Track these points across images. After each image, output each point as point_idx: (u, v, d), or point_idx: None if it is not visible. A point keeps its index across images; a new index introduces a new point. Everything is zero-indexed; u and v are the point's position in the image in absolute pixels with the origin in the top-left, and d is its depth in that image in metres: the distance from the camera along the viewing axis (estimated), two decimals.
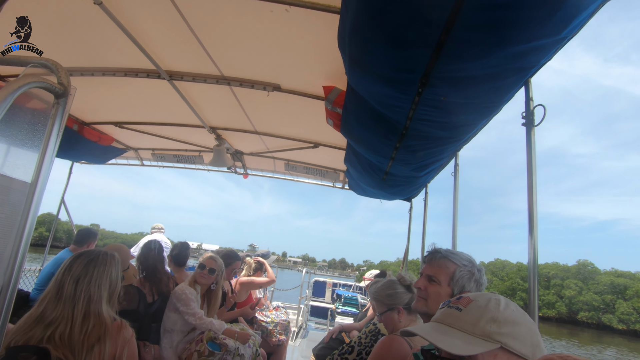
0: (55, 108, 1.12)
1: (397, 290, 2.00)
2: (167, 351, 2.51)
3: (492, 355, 0.70)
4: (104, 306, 1.39)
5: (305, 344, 6.29)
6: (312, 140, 3.40)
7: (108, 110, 3.31)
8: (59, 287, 1.36)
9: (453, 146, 1.98)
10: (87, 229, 3.88)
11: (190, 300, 2.56)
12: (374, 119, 1.79)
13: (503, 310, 0.75)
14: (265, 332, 3.67)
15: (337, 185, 4.48)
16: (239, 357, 2.50)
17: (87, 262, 1.42)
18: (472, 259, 1.43)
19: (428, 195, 3.27)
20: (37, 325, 1.28)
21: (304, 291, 7.76)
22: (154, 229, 5.37)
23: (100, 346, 1.33)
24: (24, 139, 1.18)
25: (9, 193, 1.06)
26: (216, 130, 3.44)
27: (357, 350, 2.40)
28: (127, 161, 4.67)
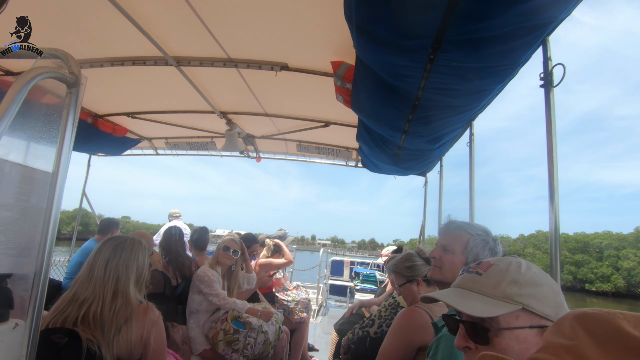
0: (69, 98, 1.13)
1: (415, 262, 2.01)
2: (194, 331, 2.62)
3: (514, 316, 0.70)
4: (132, 288, 1.46)
5: (326, 320, 6.46)
6: (323, 119, 3.36)
7: (120, 101, 3.34)
8: (90, 269, 1.45)
9: (467, 115, 1.92)
10: (108, 219, 4.05)
11: (212, 282, 2.64)
12: (384, 92, 1.75)
13: (524, 273, 0.74)
14: (287, 311, 3.77)
15: (350, 163, 4.46)
16: (262, 334, 2.59)
17: (115, 246, 1.50)
18: (487, 229, 1.43)
19: (443, 168, 3.23)
20: (71, 304, 1.37)
21: (322, 271, 7.91)
22: (172, 216, 5.51)
23: (127, 327, 1.40)
24: (41, 131, 1.20)
25: (32, 183, 1.09)
26: (226, 115, 3.44)
27: (377, 323, 2.45)
28: (142, 151, 4.74)
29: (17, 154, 1.10)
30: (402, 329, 1.73)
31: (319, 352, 4.56)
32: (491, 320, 0.70)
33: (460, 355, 1.09)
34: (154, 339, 1.46)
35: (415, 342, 1.69)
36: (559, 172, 1.29)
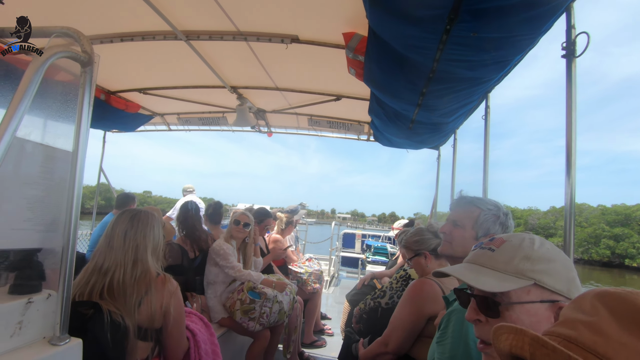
0: (83, 77, 1.14)
1: (424, 236, 2.04)
2: (212, 301, 2.74)
3: (525, 291, 0.71)
4: (149, 257, 1.53)
5: (338, 291, 6.66)
6: (334, 93, 3.31)
7: (131, 77, 3.34)
8: (109, 240, 1.52)
9: (483, 87, 1.86)
10: (124, 194, 4.21)
11: (228, 254, 2.73)
12: (398, 64, 1.71)
13: (537, 249, 0.75)
14: (300, 282, 3.89)
15: (361, 137, 4.42)
16: (277, 304, 2.69)
17: (132, 217, 1.57)
18: (499, 203, 1.42)
19: (457, 142, 3.17)
20: (94, 274, 1.45)
21: (333, 243, 8.06)
22: (186, 190, 5.63)
23: (148, 298, 1.47)
24: (58, 110, 1.23)
25: (54, 162, 1.13)
26: (237, 90, 3.42)
27: (388, 295, 2.51)
28: (155, 127, 4.79)
29: (37, 134, 1.13)
30: (413, 300, 1.78)
31: (331, 321, 4.74)
32: (502, 294, 0.72)
33: (471, 328, 1.13)
34: (174, 308, 1.54)
35: (425, 312, 1.74)
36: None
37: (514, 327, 0.45)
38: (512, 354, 0.45)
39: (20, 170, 1.04)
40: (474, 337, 1.11)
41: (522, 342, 0.43)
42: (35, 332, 1.04)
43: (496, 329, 0.48)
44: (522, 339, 0.43)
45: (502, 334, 0.47)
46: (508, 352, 0.45)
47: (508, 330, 0.46)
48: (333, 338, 4.15)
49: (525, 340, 0.42)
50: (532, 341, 0.41)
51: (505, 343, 0.46)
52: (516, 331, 0.44)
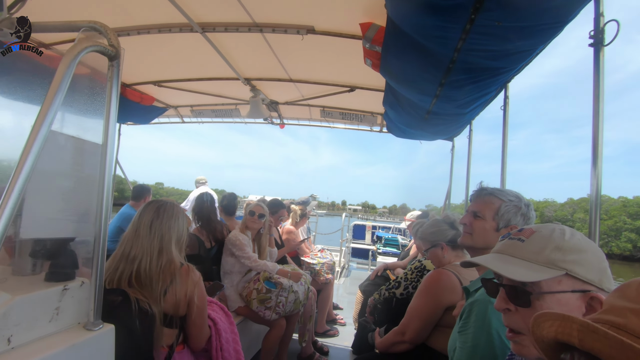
0: (111, 70, 1.17)
1: (440, 227, 2.04)
2: (229, 290, 2.79)
3: (557, 281, 0.72)
4: (173, 247, 1.57)
5: (349, 281, 6.72)
6: (348, 84, 3.29)
7: (146, 70, 3.37)
8: (136, 229, 1.56)
9: (503, 77, 1.83)
10: (140, 186, 4.30)
11: (244, 245, 2.77)
12: (417, 54, 1.69)
13: (568, 239, 0.75)
14: (313, 272, 3.93)
15: (374, 129, 4.40)
16: (293, 294, 2.73)
17: (157, 208, 1.61)
18: (520, 195, 1.42)
19: (472, 132, 3.14)
20: (122, 261, 1.50)
21: (344, 234, 8.10)
22: (199, 182, 5.69)
23: (173, 287, 1.52)
24: (86, 103, 1.25)
25: (85, 154, 1.16)
26: (251, 82, 3.42)
27: (403, 285, 2.53)
28: (169, 119, 4.83)
29: (68, 127, 1.16)
30: (430, 290, 1.80)
31: (343, 311, 4.79)
32: (533, 284, 0.72)
33: (493, 318, 1.14)
34: (197, 297, 1.58)
35: (443, 302, 1.76)
36: (605, 133, 1.24)
37: (560, 314, 0.46)
38: (558, 340, 0.46)
39: (55, 162, 1.07)
40: (496, 327, 1.12)
41: (570, 328, 0.43)
42: (71, 317, 1.09)
43: (539, 316, 0.49)
44: (569, 325, 0.44)
45: (546, 320, 0.48)
46: (553, 338, 0.46)
47: (553, 317, 0.47)
48: (345, 328, 4.20)
49: (573, 326, 0.43)
50: (581, 327, 0.42)
51: (550, 329, 0.46)
52: (563, 318, 0.45)
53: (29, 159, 0.87)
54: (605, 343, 0.39)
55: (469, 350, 1.14)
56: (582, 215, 41.22)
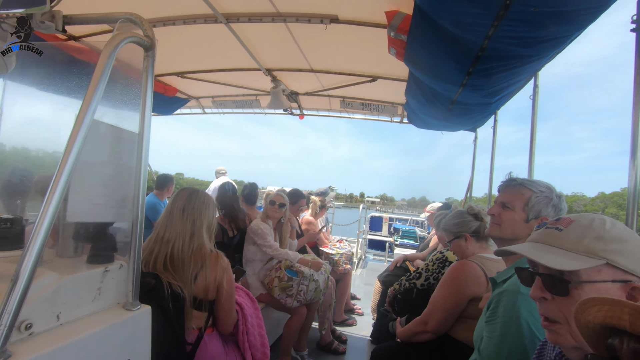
0: (147, 61, 1.20)
1: (464, 219, 2.03)
2: (251, 277, 2.85)
3: (596, 270, 0.71)
4: (204, 233, 1.63)
5: (366, 272, 6.75)
6: (370, 74, 3.26)
7: (170, 61, 3.43)
8: (169, 213, 1.64)
9: (534, 65, 1.78)
10: (164, 175, 4.44)
11: (265, 234, 2.82)
12: (444, 42, 1.66)
13: (609, 229, 0.74)
14: (332, 262, 3.97)
15: (395, 119, 4.35)
16: (314, 282, 2.78)
17: (190, 194, 1.68)
18: (551, 185, 1.38)
19: (497, 123, 3.07)
20: (157, 244, 1.58)
21: (361, 226, 8.12)
22: (219, 172, 5.79)
23: (203, 272, 1.58)
24: (122, 94, 1.29)
25: (123, 143, 1.21)
26: (272, 72, 3.44)
27: (424, 276, 2.53)
28: (190, 110, 4.92)
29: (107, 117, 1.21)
30: (454, 281, 1.79)
31: (360, 301, 4.84)
32: (571, 273, 0.72)
33: (523, 308, 1.13)
34: (226, 283, 1.64)
35: (467, 293, 1.75)
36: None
37: (610, 298, 0.46)
38: (606, 325, 0.46)
39: (96, 150, 1.12)
40: (526, 317, 1.12)
41: (621, 312, 0.44)
42: (111, 298, 1.14)
43: (585, 302, 0.49)
44: (620, 309, 0.44)
45: (593, 305, 0.48)
46: (601, 322, 0.46)
47: (602, 301, 0.47)
48: (363, 317, 4.24)
49: (624, 310, 0.43)
50: (632, 311, 0.42)
51: (598, 314, 0.47)
52: (612, 302, 0.45)
53: (75, 146, 0.91)
54: None
55: (498, 340, 1.14)
56: (615, 210, 39.47)
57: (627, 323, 0.42)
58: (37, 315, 0.91)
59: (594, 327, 0.49)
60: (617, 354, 0.45)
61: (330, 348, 3.25)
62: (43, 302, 0.93)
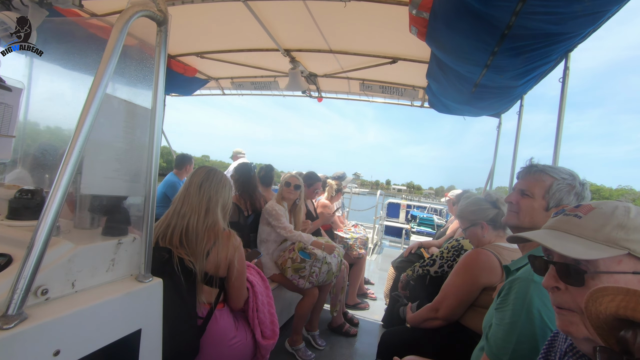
0: (159, 36, 1.19)
1: (481, 206, 1.97)
2: (264, 257, 2.90)
3: (616, 261, 0.67)
4: (219, 211, 1.66)
5: (381, 258, 6.75)
6: (391, 55, 3.16)
7: (189, 41, 3.43)
8: (187, 189, 1.68)
9: (566, 45, 1.66)
10: (182, 155, 4.55)
11: (280, 215, 2.84)
12: (468, 19, 1.57)
13: (634, 217, 0.69)
14: (346, 246, 3.98)
15: (415, 103, 4.23)
16: (327, 265, 2.79)
17: (208, 172, 1.72)
18: (574, 173, 1.31)
19: (523, 108, 2.92)
20: (174, 217, 1.63)
21: (378, 212, 8.08)
22: (238, 154, 5.85)
23: (215, 249, 1.60)
24: (136, 70, 1.30)
25: (136, 118, 1.22)
26: (290, 53, 3.39)
27: (438, 263, 2.50)
28: (210, 91, 4.94)
29: (121, 93, 1.22)
30: (468, 269, 1.75)
31: (374, 286, 4.85)
32: (588, 262, 0.68)
33: (535, 297, 1.09)
34: (237, 261, 1.67)
35: (480, 282, 1.71)
36: None
37: (624, 287, 0.43)
38: (618, 317, 0.43)
39: (109, 124, 1.14)
40: (538, 306, 1.08)
41: (636, 303, 0.40)
42: (124, 269, 1.18)
43: (597, 291, 0.46)
44: (635, 300, 0.40)
45: (606, 295, 0.45)
46: (613, 313, 0.43)
47: (615, 291, 0.44)
48: (375, 302, 4.26)
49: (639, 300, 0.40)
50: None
51: (611, 304, 0.43)
52: (627, 292, 0.42)
53: (87, 119, 0.92)
54: None
55: (507, 327, 1.11)
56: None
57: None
58: (52, 281, 0.95)
59: (605, 318, 0.45)
60: (630, 348, 0.42)
61: (341, 330, 3.29)
62: (58, 270, 0.96)
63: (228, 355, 1.64)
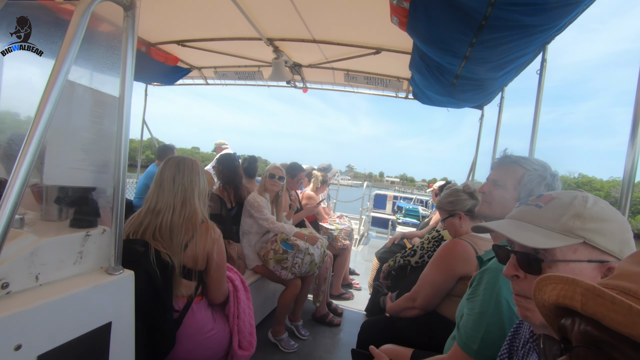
0: (126, 21, 1.15)
1: (459, 197, 1.99)
2: (247, 249, 2.89)
3: (572, 249, 0.68)
4: (196, 199, 1.63)
5: (367, 249, 6.81)
6: (374, 46, 3.14)
7: (170, 29, 3.34)
8: (160, 185, 1.63)
9: (542, 36, 1.67)
10: (164, 145, 4.47)
11: (262, 207, 2.83)
12: (447, 10, 1.56)
13: (590, 207, 0.70)
14: (331, 237, 3.99)
15: (400, 95, 4.23)
16: (309, 256, 2.80)
17: (177, 163, 1.66)
18: (546, 164, 1.33)
19: (504, 100, 2.95)
20: (148, 215, 1.57)
21: (364, 203, 8.12)
22: (222, 145, 5.76)
23: (193, 242, 1.58)
24: (103, 56, 1.26)
25: (103, 106, 1.18)
26: (273, 42, 3.33)
27: (419, 254, 2.53)
28: (193, 81, 4.85)
29: (86, 80, 1.18)
30: (444, 259, 1.78)
31: (359, 276, 4.90)
32: (546, 251, 0.69)
33: (504, 286, 1.11)
34: (216, 254, 1.65)
35: (456, 272, 1.74)
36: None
37: (565, 276, 0.43)
38: (559, 305, 0.44)
39: (74, 113, 1.10)
40: (506, 296, 1.10)
41: (573, 292, 0.41)
42: (93, 262, 1.15)
43: (542, 279, 0.47)
44: (573, 289, 0.41)
45: (549, 284, 0.45)
46: (554, 302, 0.44)
47: (556, 280, 0.44)
48: (360, 292, 4.31)
49: (577, 290, 0.41)
50: (585, 291, 0.40)
51: (552, 293, 0.44)
52: (567, 281, 0.42)
53: (47, 106, 0.89)
54: (610, 307, 0.36)
55: (477, 317, 1.13)
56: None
57: (578, 304, 0.40)
58: (14, 275, 0.92)
59: (549, 306, 0.46)
60: (568, 336, 0.42)
61: (325, 320, 3.32)
62: (20, 263, 0.94)
63: (205, 346, 1.64)
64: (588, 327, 0.39)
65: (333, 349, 2.90)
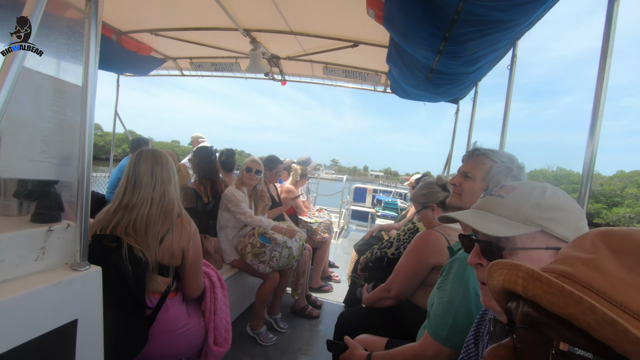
0: (89, 7, 1.10)
1: (432, 189, 2.04)
2: (224, 243, 2.86)
3: (531, 238, 0.71)
4: (172, 189, 1.59)
5: (347, 242, 6.87)
6: (352, 39, 3.13)
7: (143, 17, 3.22)
8: (136, 180, 1.55)
9: (512, 32, 1.71)
10: (137, 138, 4.34)
11: (239, 201, 2.79)
12: (421, 5, 1.58)
13: (549, 197, 0.73)
14: (310, 231, 4.00)
15: (378, 88, 4.26)
16: (287, 249, 2.80)
17: (152, 154, 1.61)
18: (513, 157, 1.38)
19: (477, 95, 3.02)
20: (120, 211, 1.51)
21: (344, 196, 8.18)
22: (199, 138, 5.63)
23: (168, 238, 1.54)
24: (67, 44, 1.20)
25: (65, 96, 1.13)
26: (250, 33, 3.27)
27: (395, 245, 2.57)
28: (168, 72, 4.71)
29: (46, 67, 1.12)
30: (418, 250, 1.82)
31: (338, 269, 4.95)
32: (507, 240, 0.72)
33: (472, 275, 1.15)
34: (192, 250, 1.61)
35: (429, 262, 1.78)
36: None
37: (509, 262, 0.45)
38: (505, 289, 0.45)
39: (33, 102, 1.05)
40: (474, 284, 1.14)
41: (516, 276, 0.43)
42: (57, 258, 1.11)
43: (492, 266, 0.49)
44: (516, 273, 0.43)
45: (497, 270, 0.47)
46: (501, 287, 0.46)
47: (503, 265, 0.46)
48: (339, 285, 4.35)
49: (519, 274, 0.43)
50: (526, 275, 0.42)
51: (499, 278, 0.46)
52: (511, 266, 0.44)
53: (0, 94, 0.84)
54: (547, 290, 0.38)
55: (445, 305, 1.16)
56: (635, 190, 35.38)
57: (520, 287, 0.42)
58: None
59: (498, 291, 0.48)
60: (513, 318, 0.44)
61: (304, 313, 3.33)
62: None
63: (179, 341, 1.61)
64: (529, 309, 0.41)
65: (312, 341, 2.92)
